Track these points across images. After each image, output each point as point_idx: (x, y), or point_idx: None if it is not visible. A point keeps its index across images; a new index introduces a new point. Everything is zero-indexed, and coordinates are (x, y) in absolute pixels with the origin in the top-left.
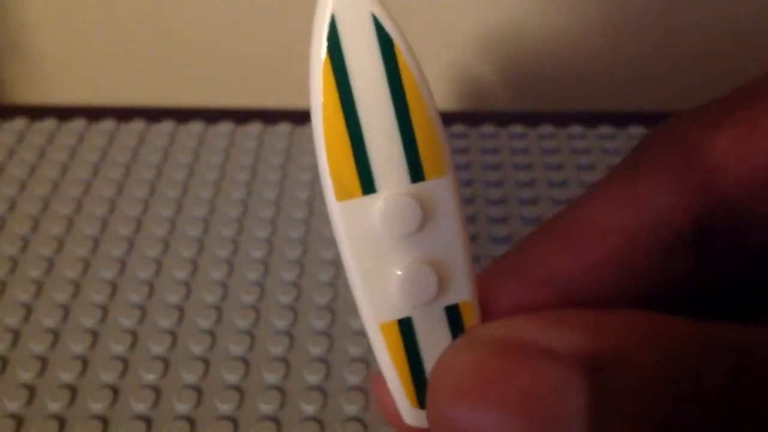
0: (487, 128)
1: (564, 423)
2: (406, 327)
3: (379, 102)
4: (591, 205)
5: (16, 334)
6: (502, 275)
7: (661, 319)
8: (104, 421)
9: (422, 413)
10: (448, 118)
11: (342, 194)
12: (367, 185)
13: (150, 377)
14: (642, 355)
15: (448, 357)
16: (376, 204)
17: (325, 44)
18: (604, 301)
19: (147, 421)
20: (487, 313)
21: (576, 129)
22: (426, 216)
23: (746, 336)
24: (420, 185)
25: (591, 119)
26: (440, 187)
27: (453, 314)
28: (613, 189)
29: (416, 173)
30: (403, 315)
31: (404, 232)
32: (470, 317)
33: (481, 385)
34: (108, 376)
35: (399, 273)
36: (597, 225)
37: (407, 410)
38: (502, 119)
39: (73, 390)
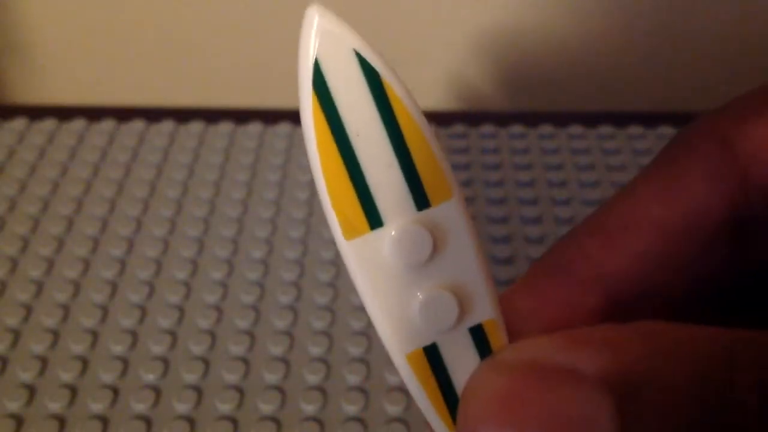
0: (487, 128)
1: None
2: (432, 353)
3: (373, 135)
4: (630, 200)
5: (16, 334)
6: (548, 277)
7: (685, 331)
8: (104, 421)
9: None
10: (448, 118)
11: (350, 233)
12: (374, 220)
13: (150, 377)
14: (668, 372)
15: (474, 382)
16: (386, 237)
17: (311, 88)
18: (649, 296)
19: (147, 421)
20: (532, 318)
21: (576, 129)
22: (438, 241)
23: None
24: (427, 212)
25: (591, 119)
26: (448, 211)
27: (478, 334)
28: (652, 183)
29: (421, 200)
30: (427, 342)
31: (417, 261)
32: (496, 335)
33: (508, 410)
34: (108, 376)
35: (418, 302)
36: (638, 220)
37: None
38: (502, 119)
39: (73, 390)
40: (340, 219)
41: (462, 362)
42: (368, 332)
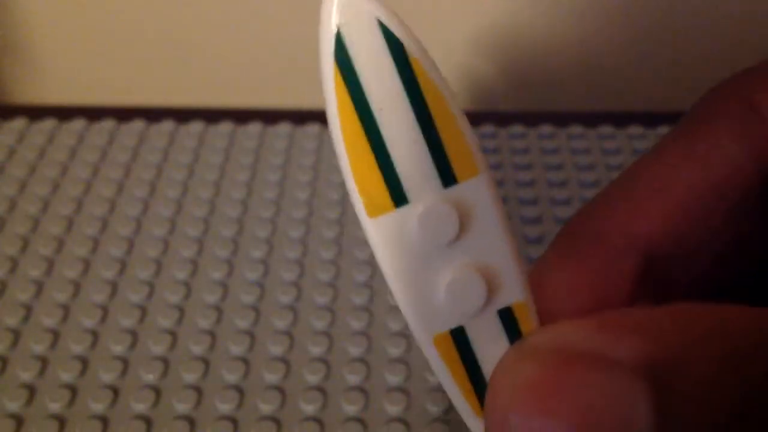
0: (487, 128)
1: None
2: (459, 336)
3: (397, 109)
4: (658, 164)
5: (16, 334)
6: (579, 247)
7: (719, 311)
8: (104, 421)
9: None
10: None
11: (374, 210)
12: (398, 197)
13: (150, 377)
14: (703, 354)
15: (502, 368)
16: (411, 215)
17: (333, 60)
18: (682, 261)
19: (147, 421)
20: (568, 293)
21: (576, 129)
22: (465, 220)
23: None
24: (453, 189)
25: (591, 119)
26: (475, 188)
27: (507, 317)
28: (679, 146)
29: (447, 177)
30: (454, 325)
31: (444, 240)
32: (525, 318)
33: (539, 398)
34: (108, 376)
35: (444, 283)
36: (667, 183)
37: (473, 420)
38: (502, 119)
39: (73, 390)
40: (364, 196)
41: (490, 346)
42: (368, 332)
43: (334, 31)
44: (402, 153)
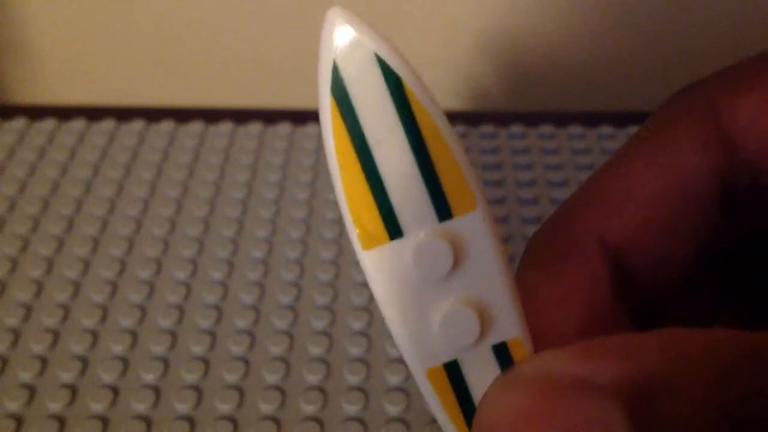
0: (487, 128)
1: None
2: (453, 370)
3: (394, 143)
4: (625, 169)
5: (16, 334)
6: (556, 256)
7: (707, 336)
8: (104, 421)
9: None
10: (448, 118)
11: (368, 242)
12: (393, 230)
13: (150, 377)
14: (686, 379)
15: (490, 397)
16: (405, 248)
17: (330, 92)
18: (649, 263)
19: (147, 421)
20: (552, 305)
21: (576, 129)
22: (459, 254)
23: None
24: (449, 223)
25: (591, 119)
26: (471, 222)
27: (502, 352)
28: (642, 153)
29: (443, 211)
30: (448, 359)
31: (438, 274)
32: (520, 353)
33: (524, 426)
34: (108, 376)
35: (438, 317)
36: (634, 191)
37: None
38: (502, 119)
39: (73, 390)
40: (359, 228)
41: (484, 380)
42: (368, 332)
43: (332, 64)
44: (398, 186)
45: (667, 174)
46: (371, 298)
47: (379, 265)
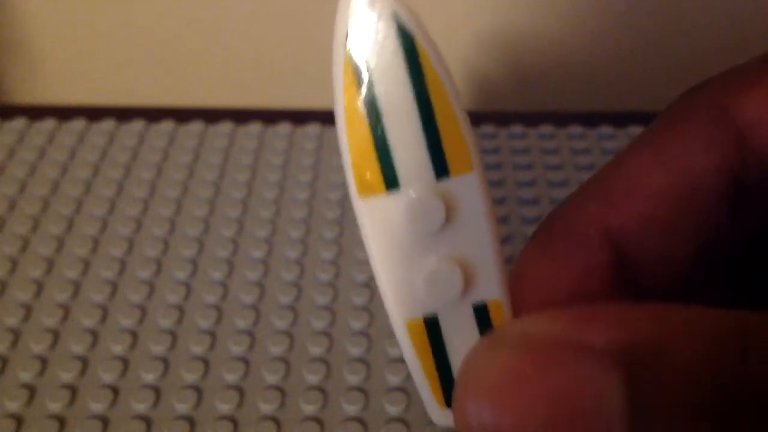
0: (487, 128)
1: (602, 421)
2: (432, 324)
3: (401, 99)
4: (631, 165)
5: (16, 334)
6: (555, 242)
7: (697, 311)
8: (104, 421)
9: (449, 413)
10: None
11: (365, 191)
12: (391, 182)
13: (150, 377)
14: (678, 345)
15: (476, 355)
16: (400, 201)
17: (346, 43)
18: (655, 260)
19: (147, 421)
20: (546, 287)
21: (576, 129)
22: (452, 213)
23: None
24: (445, 182)
25: (591, 119)
26: (466, 184)
27: (481, 312)
28: (652, 148)
29: (441, 169)
30: (428, 313)
31: (429, 229)
32: (499, 316)
33: (512, 384)
34: (108, 376)
35: (424, 270)
36: (639, 185)
37: (434, 410)
38: (502, 119)
39: (73, 390)
40: (357, 176)
41: (461, 338)
42: (368, 332)
43: (350, 18)
44: (400, 141)
45: (673, 171)
46: (371, 298)
47: (372, 214)
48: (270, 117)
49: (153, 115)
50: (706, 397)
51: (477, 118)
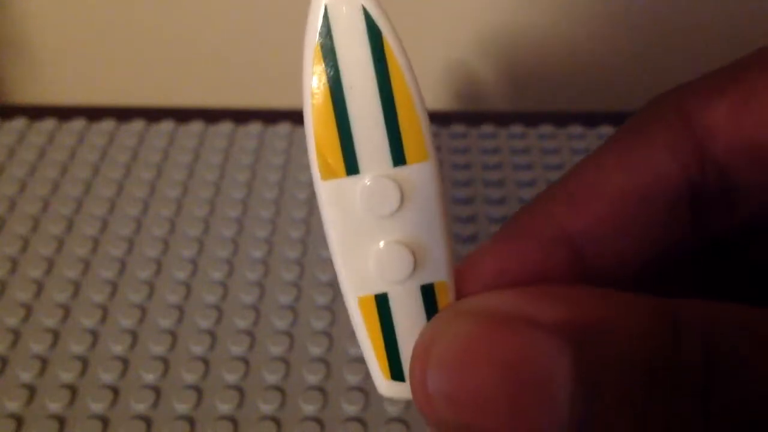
0: (487, 128)
1: (550, 391)
2: (382, 302)
3: (365, 88)
4: (594, 167)
5: (16, 334)
6: (512, 239)
7: (636, 296)
8: (104, 421)
9: (395, 384)
10: (448, 118)
11: (327, 173)
12: (351, 166)
13: (150, 377)
14: (622, 326)
15: (434, 326)
16: (359, 184)
17: (317, 32)
18: (609, 259)
19: (147, 421)
20: (498, 279)
21: (576, 129)
22: (407, 198)
23: (719, 312)
24: (402, 168)
25: (591, 119)
26: (422, 171)
27: (428, 293)
28: (615, 152)
29: (398, 157)
30: (379, 290)
31: (384, 212)
32: (444, 297)
33: (468, 354)
34: (108, 376)
35: (376, 250)
36: (600, 186)
37: (380, 381)
38: (502, 119)
39: (73, 390)
40: (320, 160)
41: (409, 316)
42: None
43: (323, 8)
44: (362, 129)
45: (634, 174)
46: None
47: (332, 195)
48: (270, 117)
49: (153, 115)
50: (645, 376)
51: (477, 118)
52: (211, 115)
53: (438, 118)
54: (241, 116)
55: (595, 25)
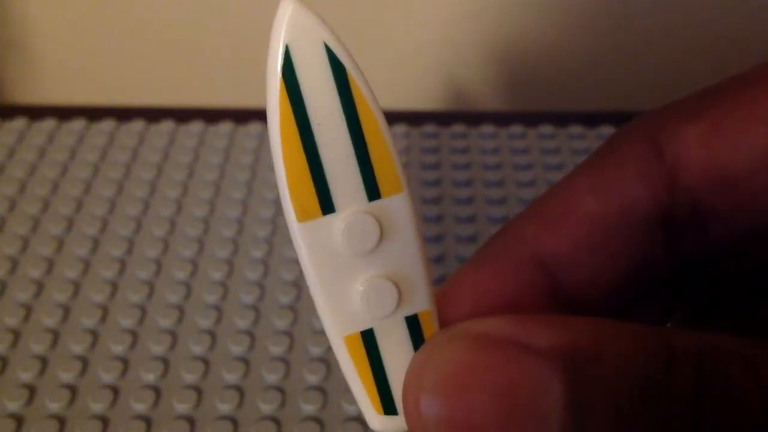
0: (487, 128)
1: (542, 415)
2: (368, 338)
3: (334, 126)
4: (566, 191)
5: (16, 334)
6: (486, 263)
7: (627, 324)
8: (104, 421)
9: (388, 419)
10: (448, 118)
11: (302, 215)
12: (326, 205)
13: (150, 377)
14: (613, 352)
15: (426, 352)
16: (336, 223)
17: (279, 72)
18: (583, 282)
19: (147, 421)
20: (475, 304)
21: (576, 129)
22: (384, 232)
23: (710, 340)
24: (377, 203)
25: (591, 119)
26: (397, 204)
27: (413, 323)
28: (587, 176)
29: (373, 192)
30: (365, 327)
31: (364, 248)
32: (429, 325)
33: (462, 378)
34: (108, 376)
35: (360, 287)
36: (571, 212)
37: (372, 418)
38: (502, 119)
39: (73, 390)
40: (294, 202)
41: (396, 349)
42: None
43: (283, 48)
44: (334, 166)
45: (606, 198)
46: None
47: (310, 236)
48: None
49: (153, 115)
50: (636, 402)
51: (477, 119)
52: (211, 115)
53: (438, 118)
54: (241, 116)
55: (595, 25)
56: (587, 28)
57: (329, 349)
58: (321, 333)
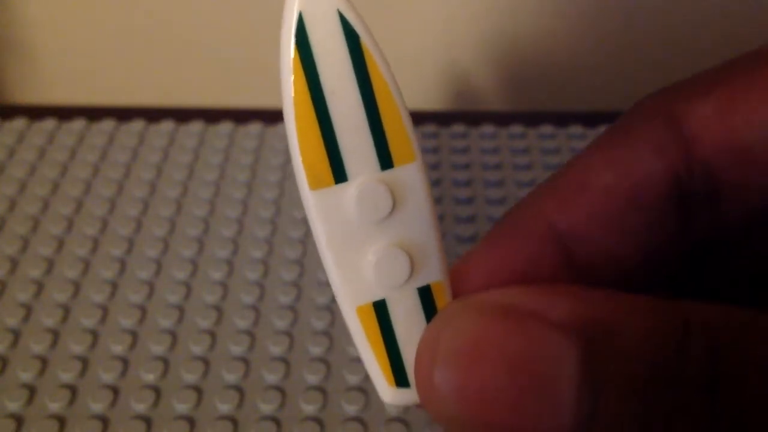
0: (487, 128)
1: (557, 386)
2: (381, 309)
3: (347, 94)
4: (583, 166)
5: (16, 334)
6: (503, 237)
7: (644, 297)
8: (104, 421)
9: (400, 391)
10: (448, 118)
11: (315, 183)
12: (339, 174)
13: (150, 377)
14: (629, 324)
15: (440, 321)
16: (348, 191)
17: (293, 40)
18: (598, 257)
19: (147, 421)
20: (491, 277)
21: (576, 129)
22: (397, 201)
23: (726, 313)
24: (390, 172)
25: (591, 119)
26: (409, 173)
27: (425, 294)
28: (603, 151)
29: (385, 160)
30: (377, 297)
31: (376, 217)
32: (442, 296)
33: (477, 348)
34: (108, 376)
35: (373, 257)
36: (587, 186)
37: (384, 389)
38: (502, 119)
39: (73, 390)
40: (307, 170)
41: (408, 320)
42: None
43: (297, 15)
44: (347, 134)
45: (621, 172)
46: None
47: (322, 205)
48: (270, 117)
49: (153, 115)
50: (651, 374)
51: (477, 119)
52: (211, 115)
53: (438, 118)
54: (241, 116)
55: (595, 25)
56: (587, 29)
57: (329, 348)
58: (321, 333)
